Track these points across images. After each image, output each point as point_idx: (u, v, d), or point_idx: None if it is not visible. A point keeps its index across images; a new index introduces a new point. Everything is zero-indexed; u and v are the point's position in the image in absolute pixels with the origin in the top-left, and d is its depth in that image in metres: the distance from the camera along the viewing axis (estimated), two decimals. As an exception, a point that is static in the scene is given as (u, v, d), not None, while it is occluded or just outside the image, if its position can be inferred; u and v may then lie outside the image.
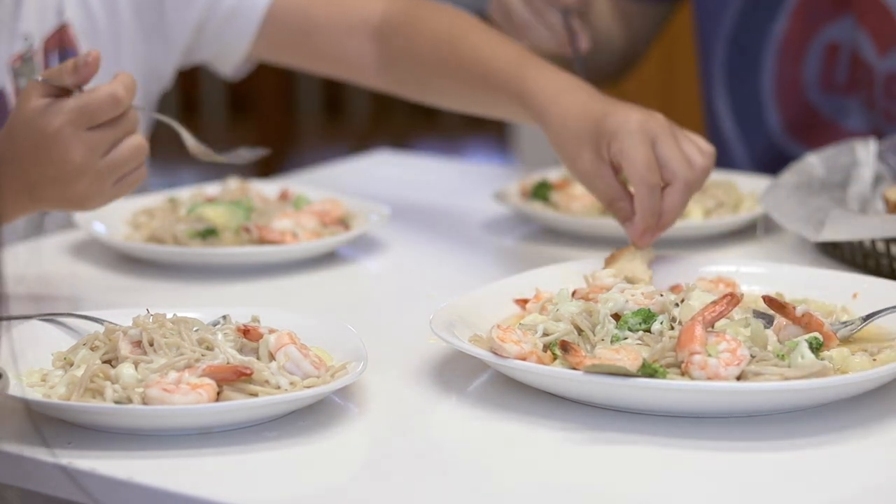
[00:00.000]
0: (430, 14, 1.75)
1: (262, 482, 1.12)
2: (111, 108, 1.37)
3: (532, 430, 1.20)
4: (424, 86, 1.75)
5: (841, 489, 1.12)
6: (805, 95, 2.03)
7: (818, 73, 2.02)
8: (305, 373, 1.22)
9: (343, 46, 1.79)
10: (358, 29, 1.79)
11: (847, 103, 2.01)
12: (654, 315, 1.28)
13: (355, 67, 1.80)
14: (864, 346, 1.29)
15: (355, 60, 1.79)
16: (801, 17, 2.01)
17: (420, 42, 1.73)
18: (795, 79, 2.03)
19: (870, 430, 1.20)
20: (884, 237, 1.53)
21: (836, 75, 2.01)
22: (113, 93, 1.37)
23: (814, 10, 2.00)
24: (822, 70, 2.02)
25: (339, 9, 1.80)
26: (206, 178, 1.89)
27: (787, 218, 1.62)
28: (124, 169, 1.40)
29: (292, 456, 1.16)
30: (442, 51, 1.70)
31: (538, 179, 1.84)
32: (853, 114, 2.00)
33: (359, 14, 1.79)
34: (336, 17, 1.80)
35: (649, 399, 1.19)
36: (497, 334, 1.23)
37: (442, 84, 1.72)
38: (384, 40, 1.77)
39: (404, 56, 1.75)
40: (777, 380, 1.19)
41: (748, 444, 1.17)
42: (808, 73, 2.02)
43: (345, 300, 1.59)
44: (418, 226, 1.86)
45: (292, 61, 1.85)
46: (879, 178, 1.72)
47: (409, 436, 1.22)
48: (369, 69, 1.79)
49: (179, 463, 1.14)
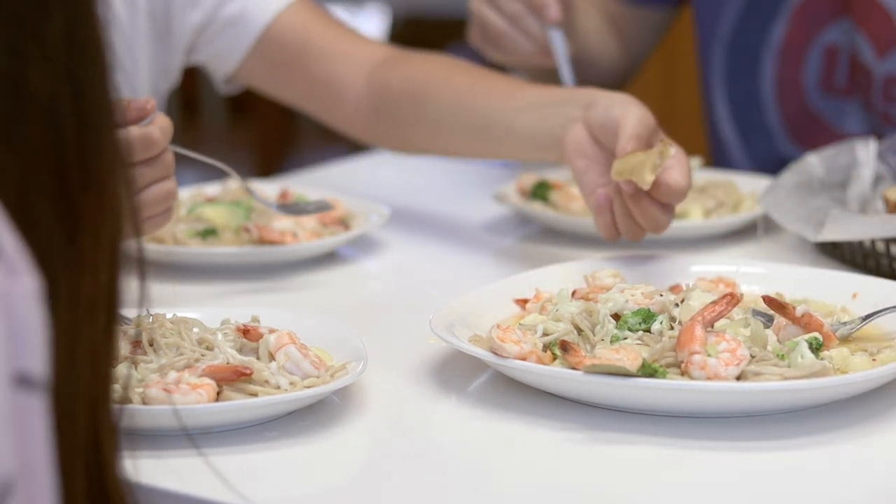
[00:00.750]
0: (431, 69, 1.75)
1: (261, 482, 1.12)
2: (144, 149, 1.34)
3: (532, 430, 1.20)
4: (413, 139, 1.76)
5: (841, 489, 1.12)
6: (805, 98, 2.03)
7: (818, 76, 2.02)
8: (305, 373, 1.22)
9: (335, 73, 1.78)
10: (354, 59, 1.78)
11: (846, 106, 2.01)
12: (653, 315, 1.28)
13: (342, 99, 1.79)
14: (864, 345, 1.29)
15: (344, 91, 1.78)
16: (801, 20, 2.01)
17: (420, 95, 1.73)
18: (796, 82, 2.03)
19: (870, 430, 1.20)
20: (884, 237, 1.53)
21: (835, 78, 2.01)
22: (147, 135, 1.35)
23: (813, 13, 2.00)
24: (822, 73, 2.02)
25: (339, 36, 1.80)
26: (207, 178, 1.89)
27: (787, 218, 1.62)
28: (150, 212, 1.38)
29: (292, 456, 1.16)
30: (454, 109, 1.70)
31: (537, 179, 1.84)
32: (853, 117, 2.00)
33: (358, 49, 1.79)
34: (333, 44, 1.80)
35: (649, 399, 1.19)
36: (497, 334, 1.23)
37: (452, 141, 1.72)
38: (379, 84, 1.77)
39: (395, 107, 1.75)
40: (777, 380, 1.19)
41: (748, 444, 1.17)
42: (808, 76, 2.02)
43: (345, 300, 1.59)
44: (418, 226, 1.86)
45: (282, 83, 1.84)
46: (879, 178, 1.72)
47: (409, 436, 1.22)
48: (359, 106, 1.78)
49: (180, 463, 1.14)
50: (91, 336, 0.71)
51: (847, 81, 2.00)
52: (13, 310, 0.63)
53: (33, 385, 0.64)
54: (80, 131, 0.69)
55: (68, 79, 0.69)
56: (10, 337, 0.63)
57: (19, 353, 0.63)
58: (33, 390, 0.64)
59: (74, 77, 0.69)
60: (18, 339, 0.63)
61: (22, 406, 0.63)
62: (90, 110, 0.69)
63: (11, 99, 0.67)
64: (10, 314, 0.62)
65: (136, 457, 0.79)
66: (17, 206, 0.66)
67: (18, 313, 0.63)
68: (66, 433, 0.69)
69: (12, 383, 0.63)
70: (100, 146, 0.70)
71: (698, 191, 1.82)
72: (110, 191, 0.70)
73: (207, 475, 1.12)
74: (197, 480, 1.11)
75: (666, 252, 1.53)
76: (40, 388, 0.64)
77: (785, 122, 2.06)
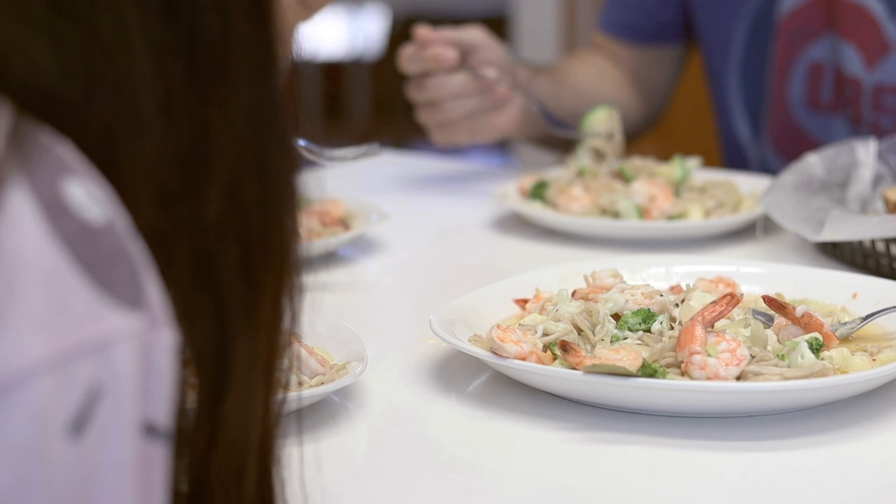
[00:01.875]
0: None
1: (261, 482, 1.12)
2: None
3: (532, 430, 1.20)
4: None
5: (841, 489, 1.12)
6: (791, 115, 2.04)
7: (804, 93, 2.03)
8: (313, 371, 1.22)
9: None
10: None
11: (832, 122, 2.01)
12: (653, 315, 1.28)
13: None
14: (864, 345, 1.29)
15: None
16: (787, 36, 2.02)
17: None
18: (782, 99, 2.04)
19: (870, 430, 1.20)
20: (884, 237, 1.53)
21: (821, 94, 2.02)
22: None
23: (797, 29, 2.01)
24: (808, 89, 2.02)
25: None
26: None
27: (787, 218, 1.62)
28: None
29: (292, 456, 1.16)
30: None
31: (537, 179, 1.84)
32: (839, 133, 2.00)
33: None
34: None
35: (649, 399, 1.19)
36: (497, 334, 1.23)
37: None
38: None
39: None
40: (777, 380, 1.19)
41: (748, 444, 1.17)
42: (794, 93, 2.03)
43: (345, 300, 1.59)
44: (418, 226, 1.86)
45: None
46: (879, 178, 1.72)
47: (408, 436, 1.22)
48: None
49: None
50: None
51: (833, 97, 2.00)
52: (152, 361, 0.65)
53: (158, 434, 0.66)
54: (263, 205, 0.72)
55: (252, 152, 0.71)
56: (145, 387, 0.65)
57: (151, 402, 0.65)
58: (158, 439, 0.66)
59: (258, 150, 0.71)
60: (151, 390, 0.65)
61: (148, 455, 0.65)
62: (272, 182, 0.73)
63: (197, 167, 0.69)
64: (149, 365, 0.65)
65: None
66: (198, 271, 0.70)
67: (155, 364, 0.65)
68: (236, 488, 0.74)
69: (142, 432, 0.65)
70: (281, 221, 0.74)
71: (698, 191, 1.82)
72: (288, 258, 0.76)
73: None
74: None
75: (666, 252, 1.53)
76: (164, 438, 0.66)
77: (773, 139, 2.06)
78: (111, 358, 0.63)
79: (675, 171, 1.83)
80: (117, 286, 0.64)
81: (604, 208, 1.77)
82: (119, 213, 0.65)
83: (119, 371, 0.63)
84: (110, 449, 0.64)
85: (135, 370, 0.64)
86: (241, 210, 0.71)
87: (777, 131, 2.06)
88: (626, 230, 1.74)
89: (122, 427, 0.64)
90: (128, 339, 0.64)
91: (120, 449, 0.64)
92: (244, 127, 0.71)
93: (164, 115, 0.68)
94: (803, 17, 2.00)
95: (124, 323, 0.64)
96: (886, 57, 1.93)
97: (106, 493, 0.64)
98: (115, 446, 0.64)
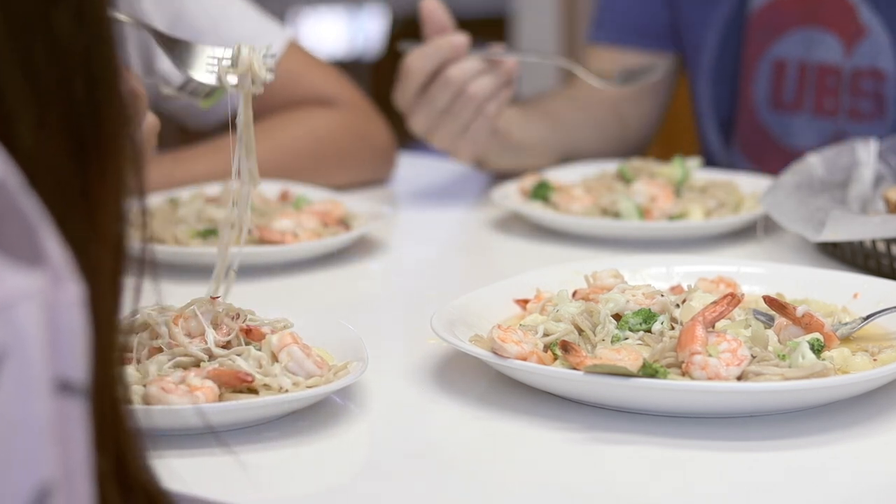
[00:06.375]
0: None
1: (262, 482, 1.12)
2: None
3: (532, 430, 1.20)
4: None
5: (841, 489, 1.12)
6: (756, 116, 2.04)
7: (768, 92, 2.03)
8: (308, 372, 1.22)
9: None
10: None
11: (793, 121, 2.01)
12: (654, 315, 1.28)
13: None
14: (865, 345, 1.29)
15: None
16: (755, 33, 2.02)
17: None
18: (749, 100, 2.04)
19: (870, 430, 1.20)
20: (884, 237, 1.53)
21: (784, 93, 2.02)
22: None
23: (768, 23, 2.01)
24: (772, 88, 2.03)
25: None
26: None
27: (788, 218, 1.62)
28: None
29: (292, 456, 1.16)
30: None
31: (537, 179, 1.84)
32: (801, 132, 2.01)
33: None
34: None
35: (650, 399, 1.19)
36: (497, 334, 1.23)
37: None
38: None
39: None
40: (778, 380, 1.19)
41: (748, 444, 1.17)
42: (759, 93, 2.03)
43: (345, 300, 1.59)
44: (418, 226, 1.86)
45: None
46: (880, 178, 1.72)
47: (409, 436, 1.22)
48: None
49: (179, 463, 1.14)
50: (107, 324, 0.72)
51: (795, 95, 2.00)
52: (58, 318, 0.64)
53: (74, 391, 0.65)
54: (89, 86, 0.70)
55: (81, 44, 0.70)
56: (53, 344, 0.63)
57: (62, 360, 0.64)
58: (74, 397, 0.65)
59: (86, 44, 0.70)
60: (61, 347, 0.64)
61: (64, 412, 0.64)
62: (100, 67, 0.71)
63: (41, 41, 0.68)
64: (55, 322, 0.63)
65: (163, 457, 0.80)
66: (32, 153, 0.67)
67: (62, 321, 0.64)
68: (96, 435, 0.70)
69: (55, 390, 0.64)
70: (110, 101, 0.71)
71: (699, 191, 1.82)
72: (119, 148, 0.72)
73: (207, 475, 1.12)
74: (197, 481, 1.11)
75: (666, 252, 1.53)
76: (81, 395, 0.65)
77: (741, 143, 2.06)
78: (12, 319, 0.62)
79: (676, 171, 1.83)
80: (12, 245, 0.63)
81: (604, 208, 1.77)
82: (9, 171, 0.64)
83: (22, 331, 0.62)
84: (21, 409, 0.62)
85: (40, 329, 0.63)
86: (69, 89, 0.69)
87: (745, 136, 2.07)
88: (626, 230, 1.74)
89: (32, 387, 0.63)
90: (29, 299, 0.63)
91: (32, 409, 0.63)
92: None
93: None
94: (776, 9, 2.00)
95: (23, 282, 0.62)
96: (862, 41, 1.94)
97: (22, 453, 0.63)
98: (26, 406, 0.63)
